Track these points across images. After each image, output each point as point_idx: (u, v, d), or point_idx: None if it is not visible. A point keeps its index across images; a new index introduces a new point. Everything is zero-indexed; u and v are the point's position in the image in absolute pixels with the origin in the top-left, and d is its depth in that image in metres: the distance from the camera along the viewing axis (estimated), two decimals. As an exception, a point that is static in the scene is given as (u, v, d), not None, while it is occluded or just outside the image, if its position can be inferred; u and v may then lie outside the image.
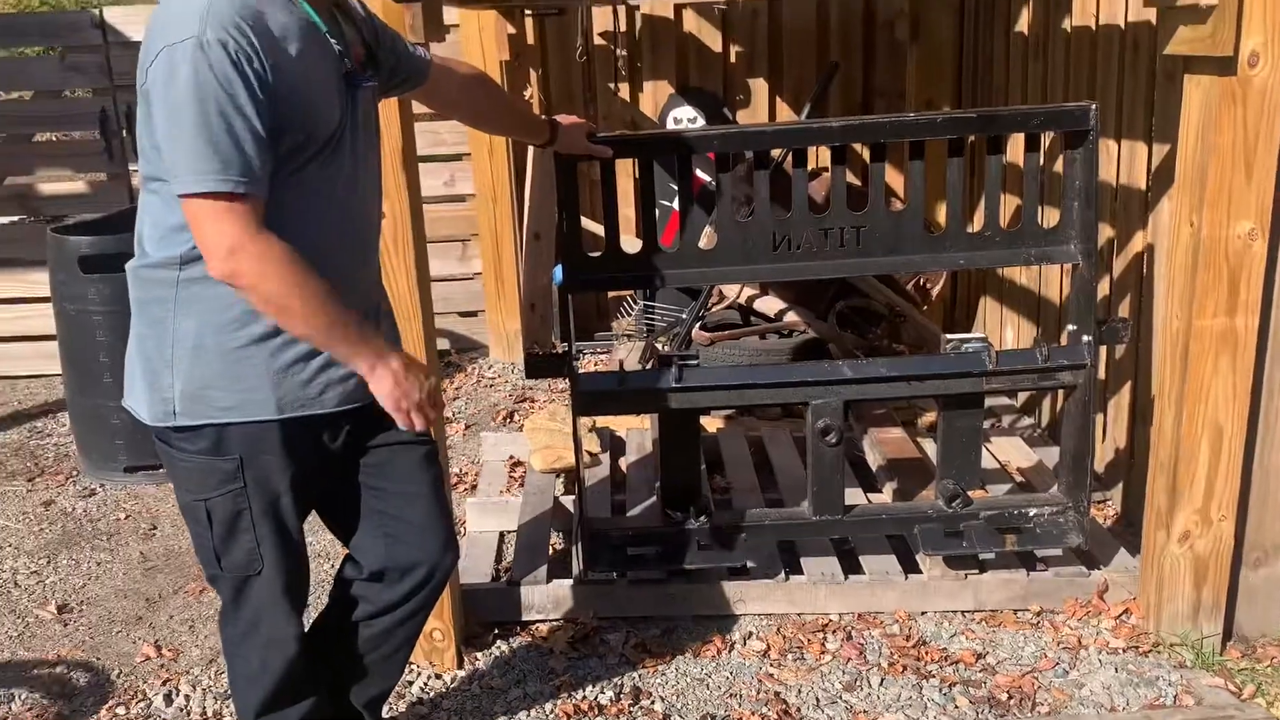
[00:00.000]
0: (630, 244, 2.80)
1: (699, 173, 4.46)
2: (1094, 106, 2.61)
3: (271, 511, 1.88)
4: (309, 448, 1.90)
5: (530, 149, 4.93)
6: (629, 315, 4.95)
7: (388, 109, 2.30)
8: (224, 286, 1.72)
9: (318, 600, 2.96)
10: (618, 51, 4.99)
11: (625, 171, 4.26)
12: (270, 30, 1.67)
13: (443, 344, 5.03)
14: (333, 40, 1.80)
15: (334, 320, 1.73)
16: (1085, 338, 2.73)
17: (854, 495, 3.19)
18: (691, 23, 5.01)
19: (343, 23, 1.87)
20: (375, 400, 1.91)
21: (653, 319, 4.77)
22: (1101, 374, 3.40)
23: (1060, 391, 3.26)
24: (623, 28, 4.97)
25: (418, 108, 2.41)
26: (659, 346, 4.51)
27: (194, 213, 1.65)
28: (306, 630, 2.12)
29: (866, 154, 2.81)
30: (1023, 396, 4.16)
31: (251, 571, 1.92)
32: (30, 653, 2.90)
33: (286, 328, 1.75)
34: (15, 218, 5.35)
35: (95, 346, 3.75)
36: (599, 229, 2.88)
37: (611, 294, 5.11)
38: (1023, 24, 4.04)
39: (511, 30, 4.70)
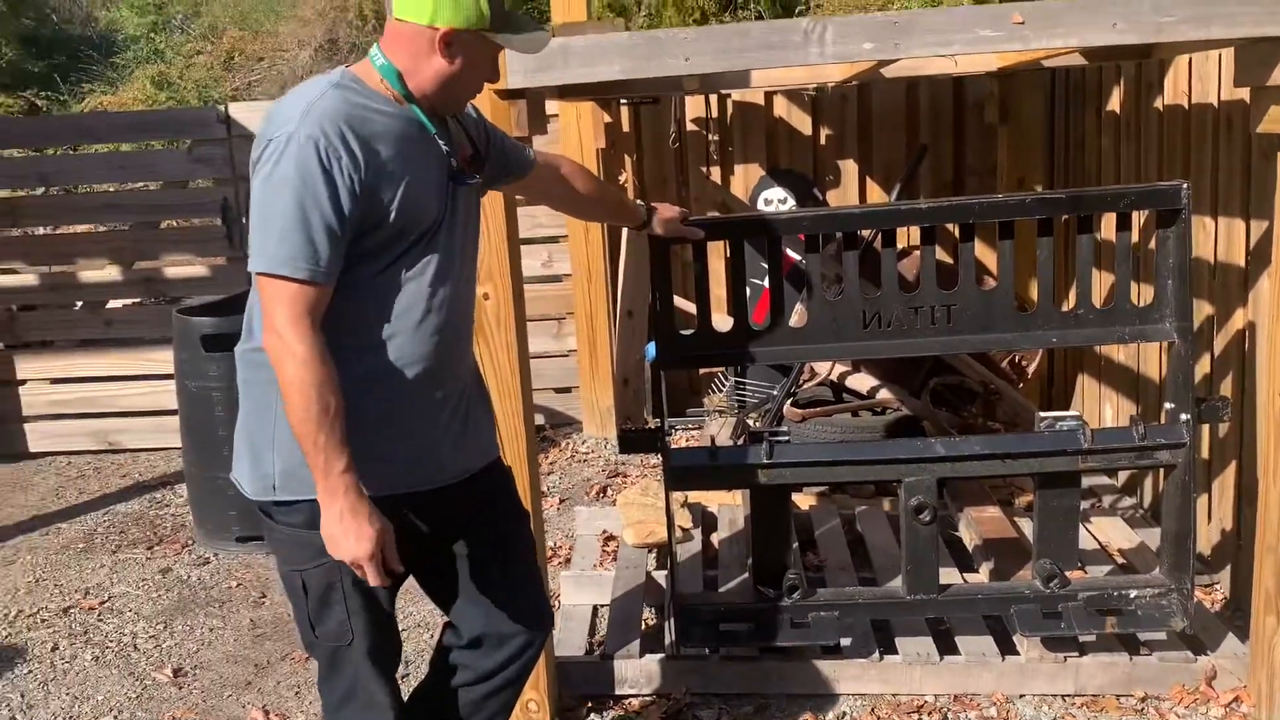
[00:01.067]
0: (722, 322, 2.88)
1: (790, 252, 4.54)
2: (1185, 185, 2.62)
3: (361, 584, 1.94)
4: (398, 524, 1.95)
5: (624, 230, 5.09)
6: (720, 391, 5.01)
7: (493, 199, 2.43)
8: None
9: (418, 670, 3.04)
10: (709, 136, 5.14)
11: (716, 252, 4.36)
12: (370, 130, 1.82)
13: (537, 419, 5.14)
14: (440, 141, 1.92)
15: (317, 439, 1.77)
16: (1183, 416, 2.70)
17: (949, 574, 3.17)
18: (781, 108, 5.14)
19: (451, 124, 2.01)
20: (466, 477, 2.03)
21: (744, 395, 4.82)
22: (1205, 453, 3.33)
23: (1160, 471, 3.21)
24: (714, 114, 5.13)
25: (514, 193, 2.53)
26: (750, 423, 4.55)
27: (261, 287, 1.80)
28: (408, 696, 2.18)
29: (957, 231, 2.85)
30: (1123, 476, 4.08)
31: (343, 641, 2.00)
32: (147, 714, 3.03)
33: (290, 403, 1.79)
34: (137, 299, 5.69)
35: (214, 421, 3.95)
36: (690, 307, 2.96)
37: (703, 370, 5.18)
38: (1114, 104, 4.05)
39: (607, 119, 4.88)
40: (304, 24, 20.43)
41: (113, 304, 5.59)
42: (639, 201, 2.62)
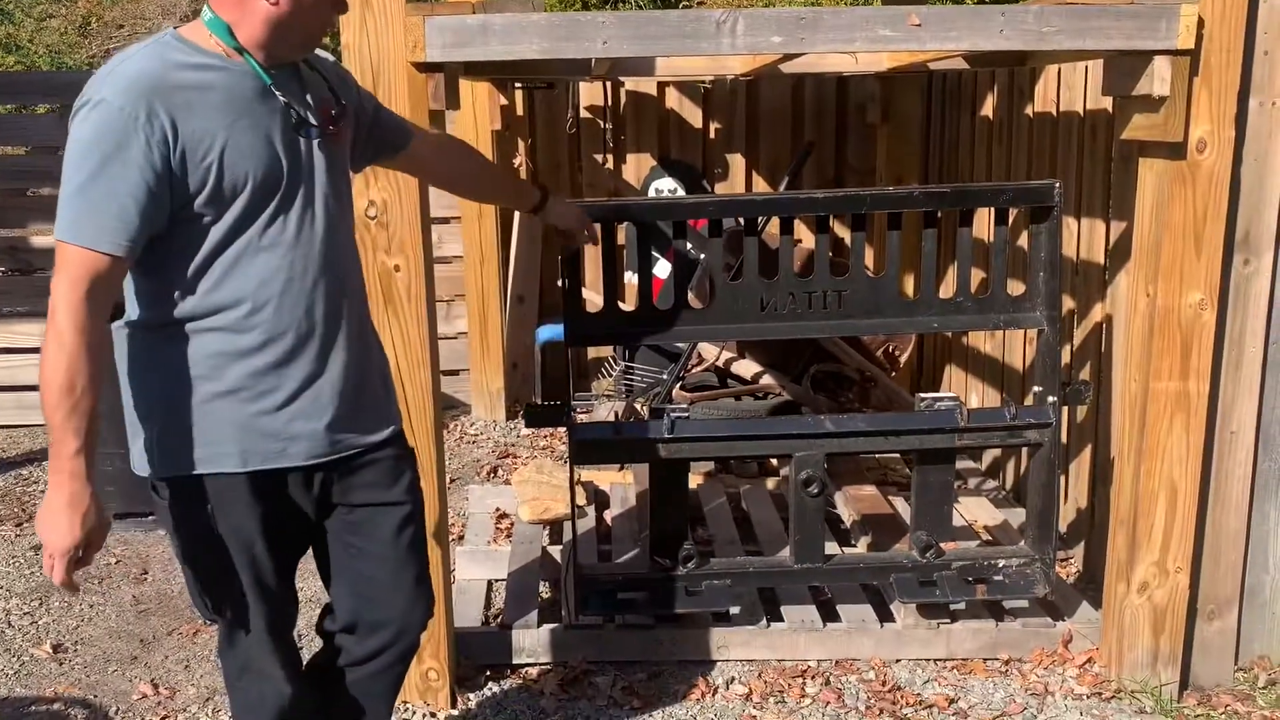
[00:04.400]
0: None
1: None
2: (1058, 184, 2.83)
3: (248, 559, 1.92)
4: (279, 499, 1.94)
5: (517, 214, 5.13)
6: (609, 376, 5.10)
7: (407, 178, 2.45)
8: (186, 344, 1.82)
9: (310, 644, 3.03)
10: (604, 124, 5.23)
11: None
12: (186, 90, 1.74)
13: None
14: (278, 93, 1.82)
15: (54, 417, 1.70)
16: (1050, 398, 2.92)
17: (830, 549, 3.33)
18: (674, 100, 5.26)
19: (307, 77, 1.93)
20: (355, 451, 1.98)
21: (632, 380, 4.93)
22: (1063, 438, 3.59)
23: (1025, 450, 3.45)
24: (609, 102, 5.21)
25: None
26: (638, 407, 4.66)
27: (59, 257, 1.73)
28: (305, 664, 2.17)
29: (839, 227, 3.00)
30: (988, 460, 4.35)
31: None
32: (27, 690, 2.94)
33: (44, 380, 1.72)
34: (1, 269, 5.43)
35: (93, 393, 3.82)
36: (588, 294, 3.04)
37: (591, 354, 5.27)
38: (987, 109, 4.31)
39: (504, 102, 4.91)
40: (169, -9, 19.58)
41: (-29, 273, 5.33)
42: (534, 183, 2.64)
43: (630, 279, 4.91)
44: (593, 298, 4.17)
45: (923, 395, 3.01)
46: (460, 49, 2.42)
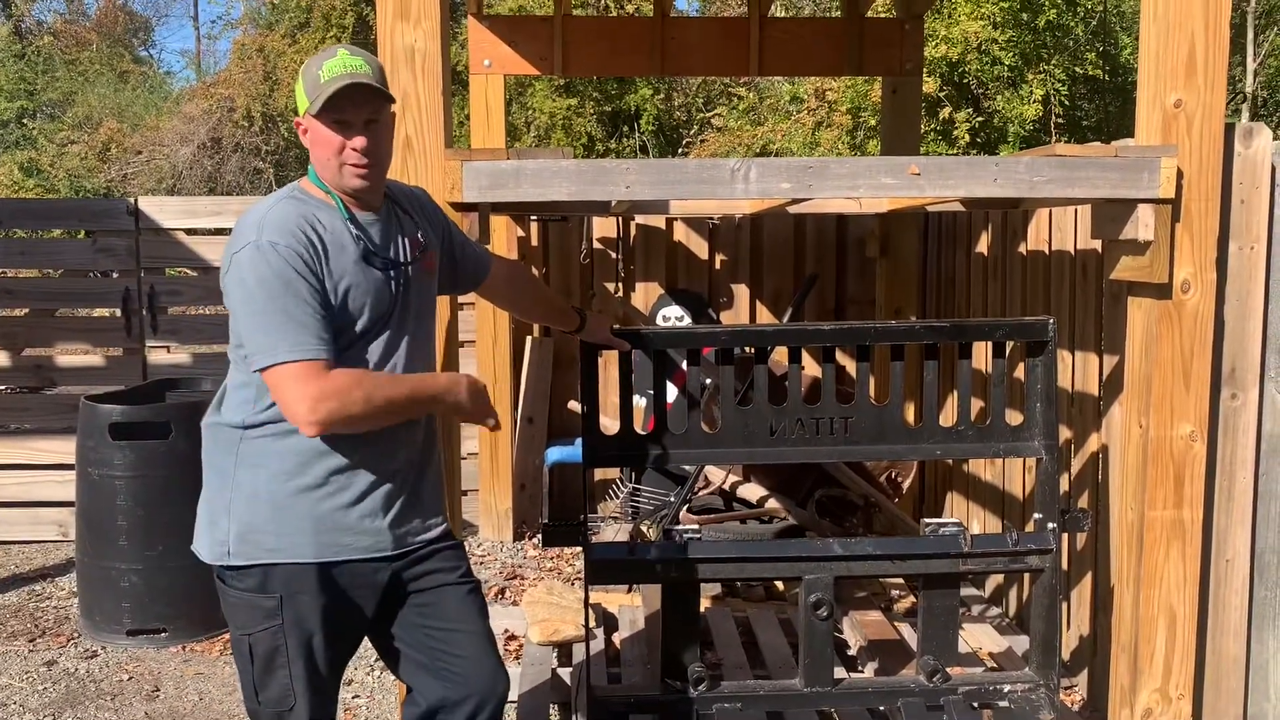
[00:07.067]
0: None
1: (684, 366, 4.81)
2: (1052, 320, 2.99)
3: (305, 650, 2.10)
4: (345, 591, 2.13)
5: (528, 340, 5.30)
6: (615, 498, 5.18)
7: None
8: (276, 443, 2.06)
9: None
10: (615, 255, 5.45)
11: (611, 360, 4.61)
12: (318, 230, 2.05)
13: (434, 521, 5.20)
14: (354, 230, 2.09)
15: (407, 397, 2.07)
16: (1050, 525, 3.02)
17: (837, 673, 3.37)
18: (681, 233, 5.49)
19: (405, 215, 2.22)
20: (416, 546, 2.19)
21: (638, 502, 5.01)
22: (1064, 565, 3.66)
23: (1027, 576, 3.52)
24: (620, 234, 5.45)
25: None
26: (644, 529, 4.73)
27: (273, 383, 1.99)
28: None
29: (844, 357, 3.14)
30: (990, 588, 4.41)
31: (285, 706, 2.12)
32: (40, 807, 2.95)
33: (386, 424, 2.06)
34: (24, 387, 5.56)
35: (115, 511, 3.91)
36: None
37: (598, 476, 5.36)
38: (982, 246, 4.51)
39: (520, 233, 5.14)
40: (188, 121, 20.27)
41: (-5, 389, 5.47)
42: (574, 307, 2.85)
43: (638, 402, 5.04)
44: (605, 421, 4.28)
45: (928, 520, 3.10)
46: (494, 191, 2.61)
